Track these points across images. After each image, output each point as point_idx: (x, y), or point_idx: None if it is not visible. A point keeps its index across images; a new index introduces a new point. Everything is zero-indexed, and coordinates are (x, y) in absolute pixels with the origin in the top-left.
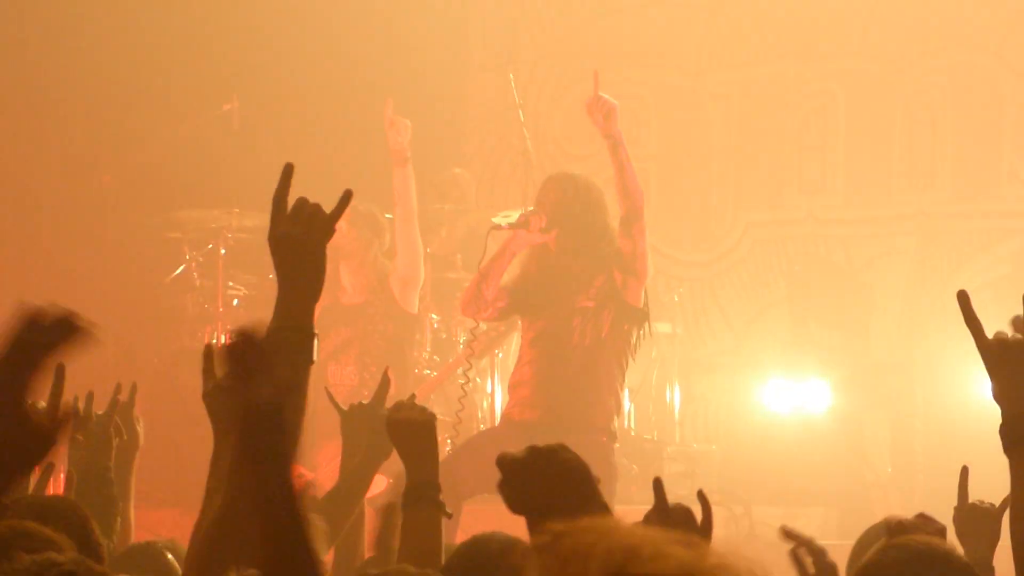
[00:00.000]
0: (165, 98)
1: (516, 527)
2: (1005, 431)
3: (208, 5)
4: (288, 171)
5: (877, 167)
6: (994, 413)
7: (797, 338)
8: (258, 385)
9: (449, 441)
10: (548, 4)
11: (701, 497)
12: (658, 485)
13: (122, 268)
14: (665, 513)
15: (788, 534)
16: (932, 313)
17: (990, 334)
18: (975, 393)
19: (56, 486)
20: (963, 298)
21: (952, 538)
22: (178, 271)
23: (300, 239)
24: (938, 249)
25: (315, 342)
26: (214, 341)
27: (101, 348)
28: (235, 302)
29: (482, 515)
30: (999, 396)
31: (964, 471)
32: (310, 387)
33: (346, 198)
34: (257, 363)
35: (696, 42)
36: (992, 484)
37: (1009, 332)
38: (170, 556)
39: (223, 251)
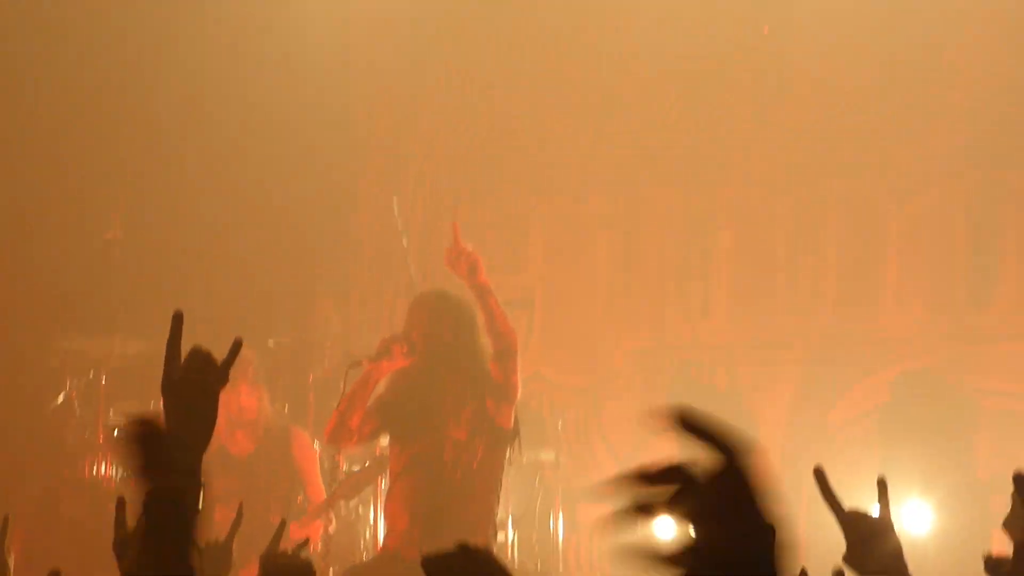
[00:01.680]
0: (48, 226)
1: None
2: None
3: (90, 131)
4: (178, 319)
5: (760, 291)
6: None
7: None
8: (158, 473)
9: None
10: (432, 129)
11: None
12: None
13: (2, 396)
14: None
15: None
16: (815, 438)
17: (862, 476)
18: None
19: None
20: (819, 475)
21: None
22: (59, 400)
23: (193, 386)
24: (821, 375)
25: (202, 491)
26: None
27: None
28: (116, 432)
29: None
30: (857, 568)
31: None
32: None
33: (236, 348)
34: (156, 452)
35: (580, 166)
36: None
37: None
38: None
39: (104, 380)
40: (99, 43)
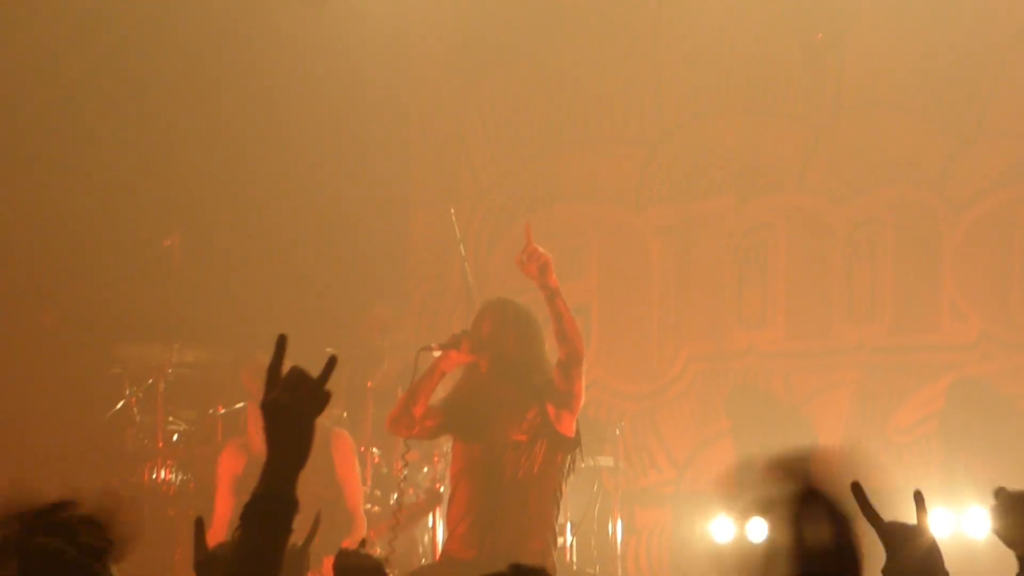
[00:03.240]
0: (105, 234)
1: None
2: None
3: (150, 139)
4: (282, 343)
5: (817, 300)
6: (947, 548)
7: (739, 471)
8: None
9: None
10: (488, 140)
11: None
12: None
13: (62, 403)
14: None
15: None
16: (873, 445)
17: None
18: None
19: None
20: (857, 490)
21: None
22: (118, 406)
23: (288, 406)
24: (878, 383)
25: (295, 512)
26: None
27: (42, 483)
28: (175, 437)
29: None
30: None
31: None
32: None
33: (330, 364)
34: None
35: (636, 176)
36: None
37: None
38: None
39: (163, 386)
40: (160, 57)
